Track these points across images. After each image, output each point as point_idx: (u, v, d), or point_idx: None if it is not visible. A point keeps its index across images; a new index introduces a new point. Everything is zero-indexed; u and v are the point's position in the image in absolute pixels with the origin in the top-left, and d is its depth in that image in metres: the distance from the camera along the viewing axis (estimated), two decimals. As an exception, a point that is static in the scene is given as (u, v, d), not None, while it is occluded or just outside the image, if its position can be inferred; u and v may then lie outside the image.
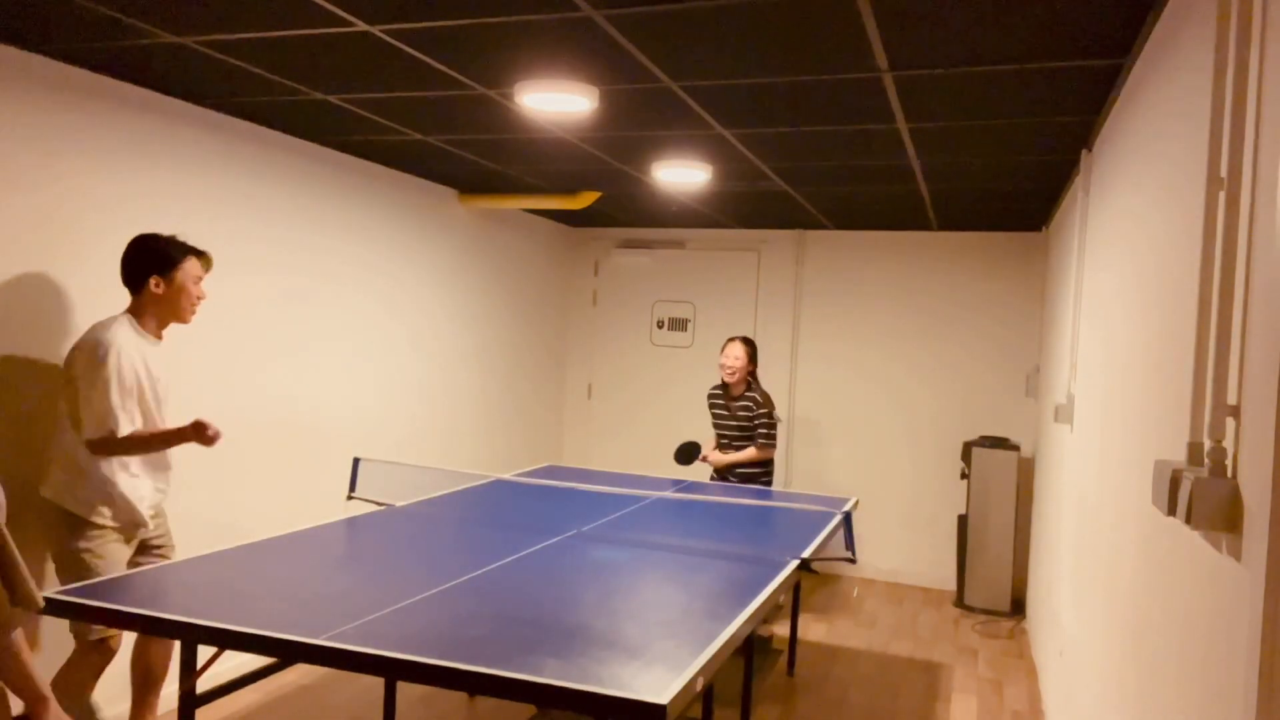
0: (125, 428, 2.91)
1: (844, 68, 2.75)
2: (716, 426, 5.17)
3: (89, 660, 2.97)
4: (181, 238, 3.12)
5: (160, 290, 3.02)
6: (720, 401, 5.12)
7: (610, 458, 7.04)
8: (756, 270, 6.67)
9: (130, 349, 2.95)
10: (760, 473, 5.06)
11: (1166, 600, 1.75)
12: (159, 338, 3.10)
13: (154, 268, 3.01)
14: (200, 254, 3.12)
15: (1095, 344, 3.03)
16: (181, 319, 3.10)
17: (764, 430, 4.97)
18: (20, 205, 3.12)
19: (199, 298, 3.12)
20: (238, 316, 4.01)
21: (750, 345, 5.06)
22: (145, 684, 3.19)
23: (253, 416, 4.11)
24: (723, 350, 5.05)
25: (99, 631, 2.94)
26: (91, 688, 3.04)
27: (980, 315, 6.14)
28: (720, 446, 5.11)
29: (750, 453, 4.99)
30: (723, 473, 5.09)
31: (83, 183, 3.32)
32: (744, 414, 5.01)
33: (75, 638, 2.97)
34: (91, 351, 2.89)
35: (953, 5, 2.24)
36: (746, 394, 5.02)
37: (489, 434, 6.10)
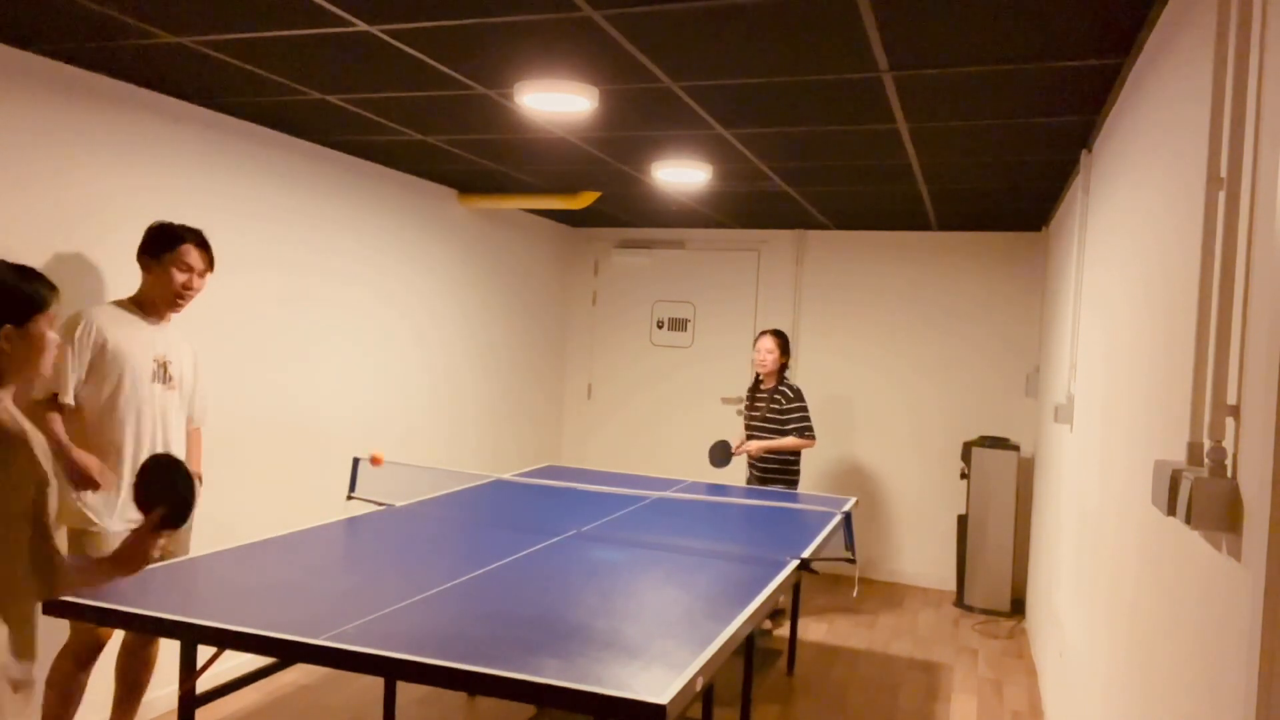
0: (69, 397, 2.95)
1: (844, 68, 2.75)
2: (746, 423, 5.17)
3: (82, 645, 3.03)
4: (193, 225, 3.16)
5: (151, 275, 3.10)
6: (750, 397, 5.16)
7: (610, 458, 7.04)
8: (756, 270, 6.67)
9: (101, 324, 2.99)
10: (781, 471, 5.02)
11: (1166, 600, 1.75)
12: (163, 318, 3.15)
13: (144, 251, 3.10)
14: (179, 243, 3.09)
15: (1095, 344, 3.03)
16: (171, 307, 3.14)
17: (801, 422, 4.97)
18: (19, 205, 3.12)
19: (185, 287, 3.11)
20: (237, 316, 4.01)
21: (780, 337, 5.06)
22: (130, 691, 3.21)
23: (252, 416, 4.11)
24: (755, 344, 5.10)
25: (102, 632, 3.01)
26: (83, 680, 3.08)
27: (980, 315, 6.14)
28: (750, 461, 5.12)
29: (790, 440, 4.93)
30: (758, 468, 5.07)
31: (81, 182, 3.32)
32: (775, 409, 5.00)
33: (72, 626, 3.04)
34: (66, 321, 2.98)
35: (953, 5, 2.24)
36: (779, 388, 5.03)
37: (489, 434, 6.10)
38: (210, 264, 3.18)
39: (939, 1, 2.22)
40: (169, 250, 3.07)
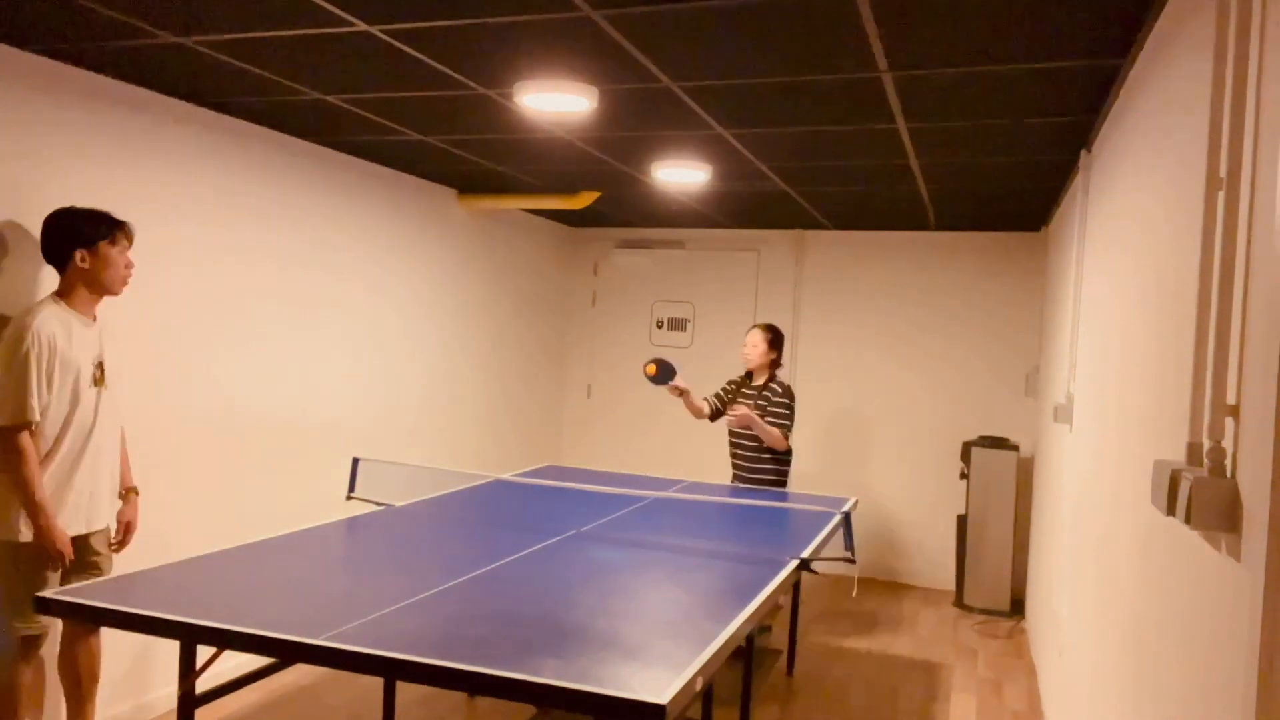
0: (37, 415, 2.82)
1: (844, 68, 2.75)
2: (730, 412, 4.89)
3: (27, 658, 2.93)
4: (104, 208, 3.03)
5: (86, 265, 2.94)
6: (737, 389, 4.91)
7: (610, 457, 7.04)
8: (756, 270, 6.67)
9: (51, 331, 2.85)
10: (773, 472, 4.83)
11: (1166, 600, 1.75)
12: (92, 318, 3.01)
13: (79, 242, 2.93)
14: (121, 225, 3.02)
15: (1095, 344, 3.04)
16: (112, 292, 3.02)
17: (783, 420, 4.72)
18: (19, 206, 3.12)
19: (127, 268, 3.03)
20: (237, 316, 4.01)
21: (770, 332, 4.85)
22: (78, 688, 3.06)
23: (252, 416, 4.11)
24: (746, 338, 4.91)
25: (30, 628, 2.90)
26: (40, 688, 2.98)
27: (979, 315, 6.14)
28: (732, 444, 4.88)
29: (773, 431, 4.67)
30: (745, 468, 4.85)
31: (80, 182, 3.32)
32: (762, 404, 4.76)
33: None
34: (10, 335, 2.81)
35: (952, 5, 2.24)
36: (769, 384, 4.81)
37: (489, 434, 6.10)
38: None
39: (939, 1, 2.22)
40: (111, 233, 2.96)
